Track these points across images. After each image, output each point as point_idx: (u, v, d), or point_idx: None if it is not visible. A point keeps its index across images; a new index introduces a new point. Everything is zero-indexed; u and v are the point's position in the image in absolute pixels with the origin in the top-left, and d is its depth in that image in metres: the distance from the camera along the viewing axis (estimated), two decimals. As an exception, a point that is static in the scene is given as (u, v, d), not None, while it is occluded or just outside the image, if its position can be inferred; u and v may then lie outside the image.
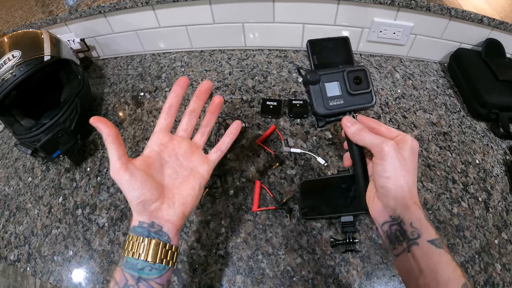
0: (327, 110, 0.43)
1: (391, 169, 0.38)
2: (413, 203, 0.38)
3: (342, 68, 0.44)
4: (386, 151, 0.38)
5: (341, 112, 0.44)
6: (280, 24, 0.99)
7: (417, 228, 0.37)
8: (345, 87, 0.43)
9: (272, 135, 0.83)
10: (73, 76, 0.88)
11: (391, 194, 0.38)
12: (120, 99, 0.99)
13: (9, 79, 0.71)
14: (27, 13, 1.11)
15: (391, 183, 0.38)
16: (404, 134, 0.41)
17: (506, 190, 0.73)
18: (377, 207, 0.41)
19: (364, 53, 1.04)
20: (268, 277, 0.62)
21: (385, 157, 0.38)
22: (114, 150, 0.42)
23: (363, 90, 0.44)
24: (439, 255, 0.36)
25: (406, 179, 0.38)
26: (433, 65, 1.02)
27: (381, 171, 0.39)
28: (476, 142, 0.81)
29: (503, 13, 0.88)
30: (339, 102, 0.43)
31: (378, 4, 0.86)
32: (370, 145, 0.40)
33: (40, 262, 0.70)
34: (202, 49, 1.11)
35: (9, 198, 0.82)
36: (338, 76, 0.44)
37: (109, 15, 1.00)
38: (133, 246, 0.41)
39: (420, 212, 0.38)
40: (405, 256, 0.37)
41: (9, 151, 0.93)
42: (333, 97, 0.43)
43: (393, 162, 0.38)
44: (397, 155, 0.38)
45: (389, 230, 0.39)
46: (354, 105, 0.44)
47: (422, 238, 0.37)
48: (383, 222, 0.40)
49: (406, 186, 0.38)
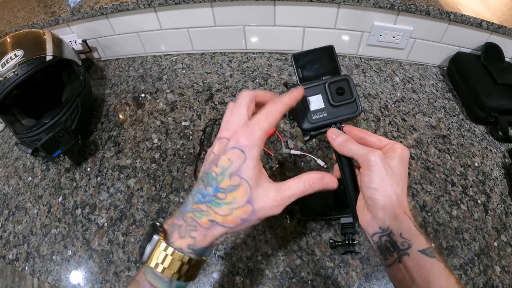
0: (311, 124, 0.43)
1: (377, 180, 0.37)
2: (402, 212, 0.37)
3: (323, 80, 0.43)
4: (372, 161, 0.37)
5: (326, 125, 0.43)
6: (281, 28, 1.00)
7: (407, 238, 0.36)
8: (327, 99, 0.43)
9: (272, 137, 0.83)
10: (75, 76, 0.88)
11: (379, 205, 0.37)
12: (121, 100, 0.99)
13: (11, 78, 0.71)
14: (29, 13, 1.11)
15: (379, 194, 0.37)
16: (394, 142, 0.40)
17: (505, 193, 0.73)
18: (366, 218, 0.40)
19: (364, 57, 1.05)
20: (267, 278, 0.62)
21: (371, 168, 0.37)
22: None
23: (346, 100, 0.43)
24: (431, 264, 0.35)
25: (393, 188, 0.37)
26: (432, 69, 1.02)
27: (368, 182, 0.38)
28: (475, 145, 0.81)
29: (502, 17, 0.89)
30: (322, 115, 0.43)
31: (378, 8, 0.87)
32: (356, 156, 0.39)
33: (39, 262, 0.70)
34: (203, 51, 1.12)
35: (8, 197, 0.82)
36: (320, 88, 0.43)
37: (111, 17, 1.01)
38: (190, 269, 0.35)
39: (409, 221, 0.37)
40: (397, 267, 0.37)
41: (10, 151, 0.93)
42: (316, 111, 0.43)
43: (380, 173, 0.37)
44: (383, 165, 0.37)
45: (379, 241, 0.38)
46: (338, 116, 0.43)
47: (412, 248, 0.36)
48: (373, 233, 0.39)
49: (394, 195, 0.37)
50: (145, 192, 0.76)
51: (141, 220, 0.72)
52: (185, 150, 0.83)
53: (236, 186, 0.33)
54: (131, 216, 0.73)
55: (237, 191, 0.34)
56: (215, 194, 0.34)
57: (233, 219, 0.34)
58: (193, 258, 0.34)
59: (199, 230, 0.34)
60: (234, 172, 0.34)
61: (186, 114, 0.92)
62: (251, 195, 0.34)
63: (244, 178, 0.34)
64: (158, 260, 0.34)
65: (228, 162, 0.34)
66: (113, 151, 0.85)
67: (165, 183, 0.77)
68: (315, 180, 0.38)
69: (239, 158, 0.34)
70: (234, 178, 0.34)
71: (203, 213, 0.34)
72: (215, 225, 0.34)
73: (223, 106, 0.91)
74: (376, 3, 0.85)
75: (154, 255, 0.34)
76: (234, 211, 0.34)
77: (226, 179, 0.34)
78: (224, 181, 0.34)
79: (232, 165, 0.34)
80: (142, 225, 0.71)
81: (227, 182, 0.34)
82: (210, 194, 0.34)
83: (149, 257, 0.34)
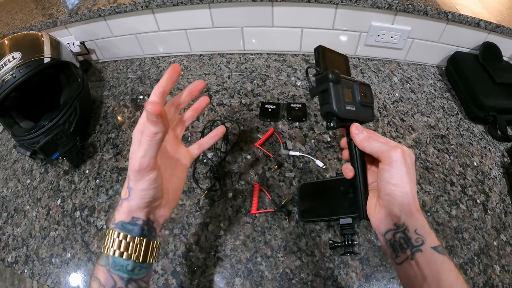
0: (343, 112, 0.43)
1: (398, 176, 0.38)
2: (416, 210, 0.38)
3: (355, 79, 0.45)
4: (394, 156, 0.38)
5: (352, 119, 0.44)
6: (279, 28, 1.00)
7: (421, 234, 0.37)
8: (357, 96, 0.44)
9: (271, 138, 0.83)
10: (73, 78, 0.88)
11: (397, 201, 0.38)
12: (120, 102, 0.99)
13: (9, 80, 0.71)
14: (27, 15, 1.11)
15: (398, 190, 0.38)
16: (401, 146, 0.41)
17: (504, 192, 0.73)
18: (379, 216, 0.41)
19: (362, 57, 1.05)
20: (267, 279, 0.62)
21: (393, 163, 0.38)
22: (156, 146, 0.37)
23: (368, 104, 0.45)
24: (442, 261, 0.36)
25: (411, 186, 0.38)
26: (430, 69, 1.03)
27: (388, 177, 0.39)
28: (474, 145, 0.81)
29: (500, 17, 0.89)
30: (352, 108, 0.44)
31: (376, 8, 0.87)
32: (378, 151, 0.40)
33: (38, 264, 0.69)
34: (201, 53, 1.12)
35: (7, 200, 0.82)
36: (352, 84, 0.44)
37: (109, 19, 1.01)
38: (122, 245, 0.39)
39: (423, 219, 0.38)
40: (408, 264, 0.37)
41: (8, 153, 0.93)
42: (348, 102, 0.44)
43: (401, 169, 0.38)
44: (405, 162, 0.38)
45: (392, 238, 0.39)
46: (362, 115, 0.45)
47: (425, 245, 0.37)
48: (386, 230, 0.40)
49: (411, 193, 0.38)
50: (144, 194, 0.76)
51: (140, 222, 0.72)
52: (184, 151, 0.83)
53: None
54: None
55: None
56: None
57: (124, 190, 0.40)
58: (120, 233, 0.39)
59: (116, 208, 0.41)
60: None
61: (184, 115, 0.91)
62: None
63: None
64: (104, 243, 0.40)
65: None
66: (111, 153, 0.85)
67: (164, 185, 0.77)
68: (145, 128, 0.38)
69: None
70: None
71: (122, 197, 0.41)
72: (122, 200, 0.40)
73: (222, 107, 0.91)
74: (374, 3, 0.86)
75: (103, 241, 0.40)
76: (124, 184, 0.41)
77: None
78: None
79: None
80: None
81: None
82: None
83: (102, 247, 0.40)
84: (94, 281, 0.39)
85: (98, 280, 0.38)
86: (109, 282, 0.38)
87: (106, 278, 0.38)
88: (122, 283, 0.38)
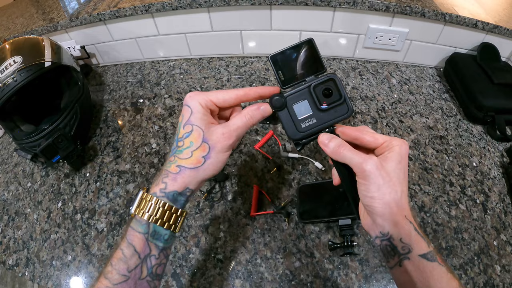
0: (301, 133, 0.41)
1: (374, 189, 0.36)
2: (402, 217, 0.37)
3: (308, 83, 0.40)
4: (367, 171, 0.36)
5: (316, 132, 0.41)
6: (278, 32, 1.00)
7: (407, 243, 0.36)
8: (314, 103, 0.40)
9: (270, 141, 0.83)
10: (73, 82, 0.89)
11: (377, 213, 0.37)
12: (120, 106, 0.99)
13: (10, 84, 0.71)
14: (28, 20, 1.12)
15: (376, 202, 0.37)
16: (391, 139, 0.39)
17: (503, 192, 0.73)
18: (367, 222, 0.40)
19: (361, 59, 1.06)
20: (266, 281, 0.62)
21: (367, 177, 0.36)
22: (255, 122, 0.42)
23: (335, 102, 0.40)
24: (431, 268, 0.35)
25: (392, 196, 0.36)
26: (429, 70, 1.03)
27: (364, 191, 0.37)
28: (473, 145, 0.82)
29: (497, 18, 0.90)
30: (311, 122, 0.40)
31: (374, 10, 0.88)
32: (350, 163, 0.38)
33: (39, 267, 0.70)
34: (200, 56, 1.13)
35: (8, 203, 0.82)
36: (304, 93, 0.40)
37: (109, 23, 1.02)
38: (165, 215, 0.39)
39: (410, 226, 0.37)
40: (398, 269, 0.37)
41: (9, 157, 0.93)
42: (304, 119, 0.40)
43: (376, 182, 0.36)
44: (380, 173, 0.36)
45: (381, 244, 0.38)
46: (328, 120, 0.40)
47: (413, 253, 0.36)
48: (375, 236, 0.39)
49: (393, 202, 0.36)
50: (144, 196, 0.76)
51: (140, 225, 0.72)
52: (183, 154, 0.83)
53: (189, 132, 0.40)
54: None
55: (192, 135, 0.39)
56: (177, 144, 0.41)
57: (196, 159, 0.39)
58: (167, 203, 0.39)
59: (170, 176, 0.39)
60: (186, 123, 0.40)
61: (184, 118, 0.92)
62: (204, 135, 0.39)
63: (195, 124, 0.40)
64: (139, 206, 0.39)
65: (181, 118, 0.41)
66: (112, 156, 0.86)
67: (164, 187, 0.77)
68: (253, 111, 0.41)
69: (187, 111, 0.40)
70: (187, 126, 0.40)
71: (171, 162, 0.40)
72: (183, 169, 0.39)
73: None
74: (372, 5, 0.86)
75: (136, 204, 0.39)
76: (194, 152, 0.39)
77: (181, 129, 0.40)
78: (180, 131, 0.40)
79: (183, 118, 0.40)
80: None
81: (182, 131, 0.40)
82: (174, 147, 0.41)
83: (135, 208, 0.39)
84: (128, 247, 0.38)
85: (133, 247, 0.38)
86: (145, 250, 0.38)
87: (142, 246, 0.38)
88: (157, 252, 0.39)
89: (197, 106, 0.40)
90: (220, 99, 0.41)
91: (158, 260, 0.39)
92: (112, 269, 0.37)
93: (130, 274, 0.37)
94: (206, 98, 0.40)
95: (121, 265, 0.37)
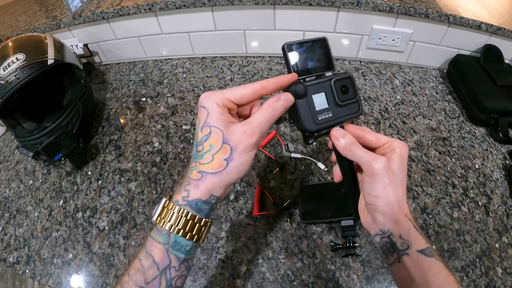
0: (317, 125, 0.39)
1: (380, 188, 0.37)
2: (403, 215, 0.38)
3: (328, 77, 0.40)
4: (375, 169, 0.37)
5: (331, 126, 0.41)
6: (281, 31, 1.00)
7: (406, 239, 0.37)
8: (333, 98, 0.40)
9: (273, 140, 0.83)
10: (76, 80, 0.88)
11: (380, 211, 0.38)
12: (122, 104, 0.99)
13: (12, 81, 0.71)
14: (31, 18, 1.12)
15: (380, 201, 0.38)
16: (392, 140, 0.40)
17: (506, 194, 0.73)
18: (367, 220, 0.41)
19: (364, 60, 1.05)
20: (268, 281, 0.62)
21: (374, 176, 0.37)
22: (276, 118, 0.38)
23: (350, 100, 0.41)
24: (429, 263, 0.36)
25: (395, 195, 0.38)
26: (432, 72, 1.03)
27: (370, 189, 0.38)
28: (476, 147, 0.81)
29: (501, 19, 0.90)
30: (328, 115, 0.40)
31: (378, 11, 0.88)
32: (359, 161, 0.39)
33: (40, 265, 0.69)
34: (203, 55, 1.12)
35: (9, 200, 0.82)
36: (325, 86, 0.40)
37: (112, 21, 1.02)
38: (188, 225, 0.36)
39: (409, 223, 0.38)
40: (397, 266, 0.38)
41: (11, 154, 0.93)
42: (322, 111, 0.40)
43: (382, 181, 0.37)
44: (387, 173, 0.37)
45: (380, 241, 0.40)
46: (342, 116, 0.41)
47: (411, 249, 0.37)
48: (374, 234, 0.40)
49: (395, 201, 0.38)
50: (146, 195, 0.76)
51: (142, 224, 0.72)
52: (186, 153, 0.83)
53: (208, 135, 0.37)
54: (132, 219, 0.73)
55: (211, 138, 0.37)
56: (196, 149, 0.38)
57: (218, 162, 0.36)
58: (190, 212, 0.36)
59: (192, 183, 0.37)
60: (203, 125, 0.37)
61: (187, 117, 0.92)
62: (224, 136, 0.36)
63: (212, 125, 0.37)
64: (161, 215, 0.37)
65: (198, 121, 0.38)
66: (114, 154, 0.86)
67: (166, 187, 0.77)
68: (274, 103, 0.38)
69: (203, 113, 0.37)
70: (205, 129, 0.37)
71: (193, 168, 0.37)
72: (205, 174, 0.36)
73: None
74: (375, 6, 0.86)
75: (158, 212, 0.37)
76: (215, 155, 0.36)
77: (199, 133, 0.38)
78: (198, 135, 0.38)
79: (200, 120, 0.38)
80: (143, 228, 0.71)
81: (200, 135, 0.37)
82: (194, 152, 0.38)
83: (156, 217, 0.37)
84: (147, 257, 0.36)
85: (152, 258, 0.36)
86: (165, 261, 0.36)
87: (162, 257, 0.36)
88: (177, 263, 0.37)
89: (213, 106, 0.37)
90: (237, 96, 0.38)
91: (178, 272, 0.37)
92: (129, 280, 0.36)
93: (147, 286, 0.35)
94: (222, 96, 0.37)
95: (138, 276, 0.35)
